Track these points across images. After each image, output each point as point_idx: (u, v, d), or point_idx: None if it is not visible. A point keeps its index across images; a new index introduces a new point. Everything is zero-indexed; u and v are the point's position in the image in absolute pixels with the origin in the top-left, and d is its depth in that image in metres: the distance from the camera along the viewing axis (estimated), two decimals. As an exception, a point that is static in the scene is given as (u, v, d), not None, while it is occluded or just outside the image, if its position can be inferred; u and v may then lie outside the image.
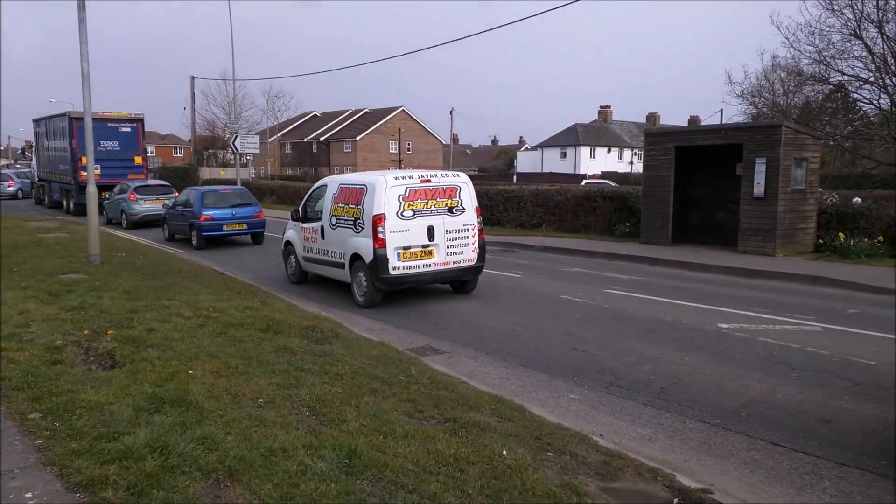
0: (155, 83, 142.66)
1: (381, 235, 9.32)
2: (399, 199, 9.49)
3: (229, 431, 4.02)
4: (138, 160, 26.15)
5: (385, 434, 4.14)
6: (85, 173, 12.38)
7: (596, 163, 70.75)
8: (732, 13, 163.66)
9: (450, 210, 9.88)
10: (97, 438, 3.78)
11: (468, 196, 10.09)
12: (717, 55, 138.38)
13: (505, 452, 3.97)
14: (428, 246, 9.65)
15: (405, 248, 9.48)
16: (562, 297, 10.01)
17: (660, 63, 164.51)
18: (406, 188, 9.57)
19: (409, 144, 72.23)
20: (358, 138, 68.96)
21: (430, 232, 9.65)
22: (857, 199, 15.26)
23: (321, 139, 72.66)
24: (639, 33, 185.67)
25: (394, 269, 9.40)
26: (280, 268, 12.39)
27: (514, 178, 60.72)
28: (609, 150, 74.72)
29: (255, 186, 30.90)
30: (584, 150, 72.68)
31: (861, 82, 19.62)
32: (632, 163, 68.21)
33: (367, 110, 74.53)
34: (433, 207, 9.75)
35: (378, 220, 9.34)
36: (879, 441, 4.59)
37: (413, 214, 9.57)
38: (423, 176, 9.92)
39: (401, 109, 72.25)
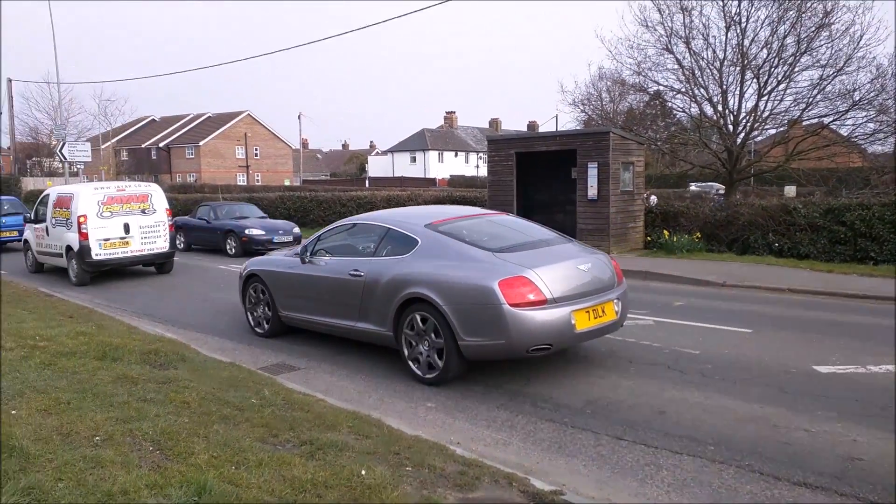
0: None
1: (84, 231, 12.56)
2: (98, 204, 12.77)
3: (60, 477, 3.66)
4: None
5: (237, 464, 3.96)
6: None
7: (445, 167, 72.45)
8: (560, 27, 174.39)
9: (143, 211, 13.29)
10: None
11: (159, 200, 13.60)
12: (551, 63, 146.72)
13: (364, 472, 3.93)
14: (125, 238, 13.01)
15: (105, 240, 12.76)
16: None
17: (499, 71, 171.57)
18: (105, 195, 12.91)
19: (256, 150, 69.81)
20: (201, 144, 65.59)
21: (126, 227, 13.02)
22: (654, 198, 16.78)
23: (160, 145, 68.33)
24: (479, 42, 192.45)
25: (96, 255, 12.69)
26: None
27: (367, 182, 60.66)
28: (456, 155, 76.81)
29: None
30: (433, 155, 74.14)
31: (674, 92, 21.56)
32: (477, 166, 70.53)
33: (209, 115, 71.04)
34: (128, 209, 13.10)
35: (81, 219, 12.57)
36: (705, 427, 5.06)
37: (111, 215, 12.87)
38: (118, 186, 13.48)
39: (246, 114, 69.64)
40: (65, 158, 27.33)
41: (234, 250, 17.54)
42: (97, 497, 3.43)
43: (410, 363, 6.40)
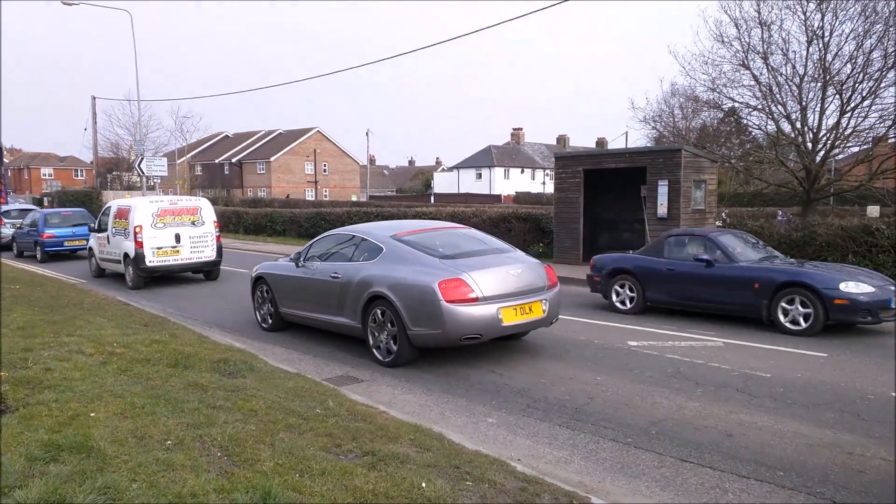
0: (53, 103, 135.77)
1: (139, 240, 13.73)
2: (153, 216, 13.91)
3: (134, 478, 3.82)
4: None
5: (301, 472, 4.04)
6: None
7: (510, 183, 72.33)
8: (633, 42, 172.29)
9: (192, 223, 14.36)
10: (-15, 495, 3.50)
11: (208, 213, 14.69)
12: (621, 80, 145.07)
13: (424, 484, 3.95)
14: (176, 246, 14.09)
15: (158, 248, 13.88)
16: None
17: (568, 87, 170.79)
18: (158, 208, 14.05)
19: (325, 166, 71.46)
20: (272, 159, 67.62)
21: (178, 237, 14.10)
22: (780, 212, 16.16)
23: (233, 160, 70.82)
24: (547, 58, 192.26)
25: (150, 262, 13.78)
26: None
27: (432, 198, 61.17)
28: (522, 171, 76.58)
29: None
30: (499, 171, 74.14)
31: (750, 109, 20.90)
32: (544, 183, 70.13)
33: (280, 131, 73.24)
34: (179, 221, 14.19)
35: (137, 229, 13.73)
36: (775, 452, 4.87)
37: (164, 226, 13.99)
38: (171, 200, 14.81)
39: (316, 130, 71.43)
40: (142, 173, 28.67)
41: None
42: (168, 499, 3.56)
43: (374, 350, 7.61)
